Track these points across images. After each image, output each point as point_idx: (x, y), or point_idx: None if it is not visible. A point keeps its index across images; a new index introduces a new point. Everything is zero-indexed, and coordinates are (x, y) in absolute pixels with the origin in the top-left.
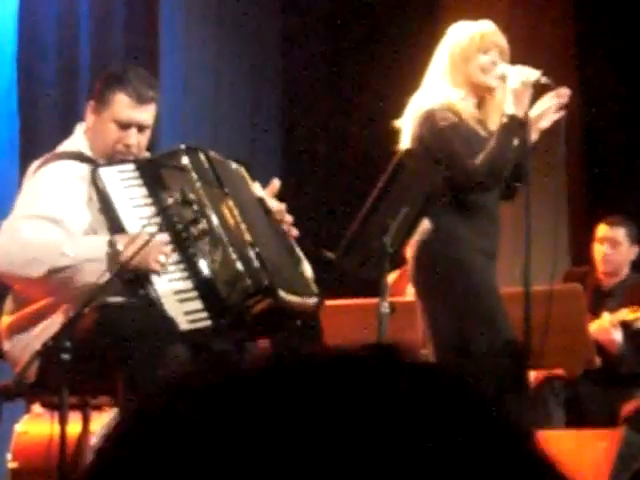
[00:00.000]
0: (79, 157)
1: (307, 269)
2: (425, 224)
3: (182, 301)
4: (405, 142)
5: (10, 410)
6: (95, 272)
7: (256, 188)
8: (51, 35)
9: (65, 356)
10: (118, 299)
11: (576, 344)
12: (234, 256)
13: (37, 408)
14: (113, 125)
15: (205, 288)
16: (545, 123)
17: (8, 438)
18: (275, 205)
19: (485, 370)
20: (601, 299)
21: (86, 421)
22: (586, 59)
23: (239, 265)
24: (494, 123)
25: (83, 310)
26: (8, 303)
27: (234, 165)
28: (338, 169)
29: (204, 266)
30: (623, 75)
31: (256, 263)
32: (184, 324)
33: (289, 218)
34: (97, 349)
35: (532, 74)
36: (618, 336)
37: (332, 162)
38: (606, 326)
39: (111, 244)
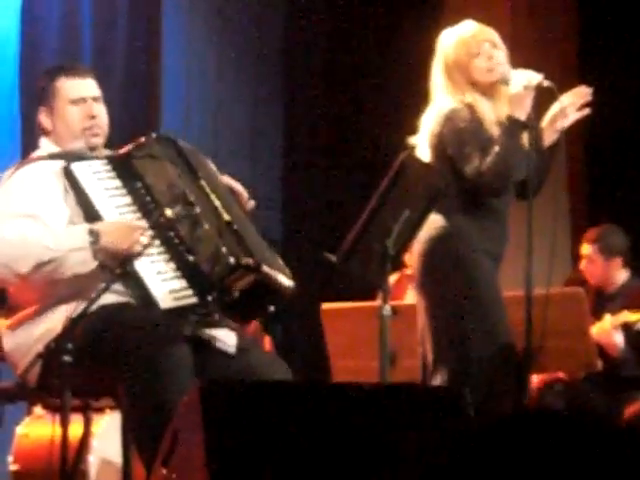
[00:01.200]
0: (50, 156)
1: (279, 260)
2: (434, 221)
3: (166, 280)
4: (422, 147)
5: (11, 412)
6: (80, 261)
7: (225, 178)
8: (53, 37)
9: (67, 358)
10: (116, 299)
11: (578, 347)
12: (214, 234)
13: (38, 410)
14: (70, 106)
15: (188, 268)
16: (565, 123)
17: (9, 440)
18: (240, 189)
19: (482, 372)
20: (603, 303)
21: (88, 423)
22: (589, 64)
23: (219, 242)
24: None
25: (85, 312)
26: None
27: (200, 153)
28: (340, 170)
29: (185, 247)
30: (626, 81)
31: (237, 240)
32: (169, 302)
33: (252, 203)
34: (98, 350)
35: (534, 77)
36: (619, 339)
37: (334, 162)
38: (607, 328)
39: (92, 232)
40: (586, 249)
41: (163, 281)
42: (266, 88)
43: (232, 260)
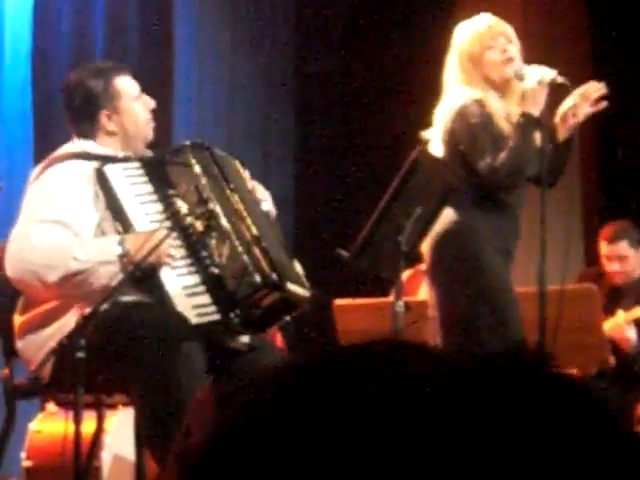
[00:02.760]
0: (83, 156)
1: (297, 264)
2: (447, 214)
3: (190, 295)
4: (435, 142)
5: (24, 409)
6: (108, 274)
7: (248, 178)
8: (65, 35)
9: (80, 354)
10: (131, 297)
11: (591, 344)
12: (241, 250)
13: (51, 407)
14: (136, 103)
15: (213, 282)
16: (578, 118)
17: (22, 437)
18: (265, 194)
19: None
20: (616, 299)
21: (100, 420)
22: (602, 58)
23: (246, 259)
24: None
25: (98, 309)
26: (19, 302)
27: (233, 160)
28: (353, 165)
29: (211, 261)
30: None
31: (263, 257)
32: (193, 318)
33: (273, 210)
34: (111, 347)
35: (548, 73)
36: (632, 334)
37: (347, 158)
38: (620, 324)
39: (121, 244)
40: (614, 249)
41: (187, 296)
42: (279, 81)
43: (259, 279)
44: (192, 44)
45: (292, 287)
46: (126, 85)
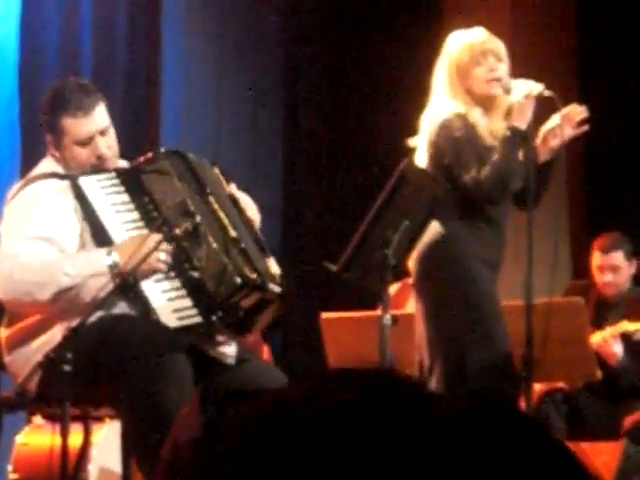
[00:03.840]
0: (56, 176)
1: (273, 265)
2: (434, 227)
3: (171, 300)
4: (421, 151)
5: (11, 422)
6: (100, 286)
7: (232, 188)
8: (53, 45)
9: (67, 367)
10: (117, 310)
11: (577, 357)
12: (220, 253)
13: (38, 420)
14: (77, 147)
15: (193, 286)
16: (560, 140)
17: (9, 450)
18: (248, 201)
19: (477, 378)
20: (603, 312)
21: (87, 432)
22: (588, 71)
23: (226, 261)
24: (500, 133)
25: (85, 321)
26: (5, 316)
27: (210, 166)
28: (341, 179)
29: (191, 265)
30: (625, 89)
31: (243, 259)
32: (173, 322)
33: (258, 218)
34: (98, 360)
35: (535, 87)
36: (619, 349)
37: (335, 171)
38: (607, 338)
39: (110, 254)
40: (610, 258)
41: (168, 300)
42: (268, 81)
43: (238, 280)
44: (180, 49)
45: (272, 287)
46: (72, 128)
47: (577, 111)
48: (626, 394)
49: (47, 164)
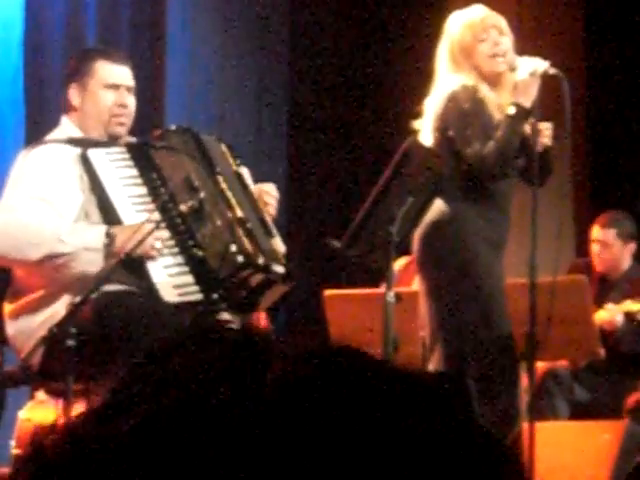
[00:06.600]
0: (69, 141)
1: (279, 244)
2: (438, 205)
3: (172, 275)
4: (425, 131)
5: (14, 397)
6: (91, 261)
7: (243, 170)
8: (57, 21)
9: (70, 342)
10: (119, 286)
11: (581, 335)
12: (225, 231)
13: (41, 395)
14: (104, 90)
15: (195, 262)
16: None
17: (12, 425)
18: (271, 188)
19: (477, 356)
20: (606, 290)
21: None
22: (594, 49)
23: (230, 240)
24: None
25: (88, 297)
26: (9, 290)
27: (218, 142)
28: (346, 157)
29: (195, 242)
30: (631, 67)
31: (248, 239)
32: (173, 297)
33: (275, 203)
34: (102, 336)
35: (540, 65)
36: (619, 318)
37: (339, 149)
38: (613, 313)
39: (108, 235)
40: (601, 234)
41: (169, 275)
42: (272, 64)
43: (241, 259)
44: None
45: (275, 267)
46: (104, 70)
47: (546, 126)
48: (629, 372)
49: (63, 128)
